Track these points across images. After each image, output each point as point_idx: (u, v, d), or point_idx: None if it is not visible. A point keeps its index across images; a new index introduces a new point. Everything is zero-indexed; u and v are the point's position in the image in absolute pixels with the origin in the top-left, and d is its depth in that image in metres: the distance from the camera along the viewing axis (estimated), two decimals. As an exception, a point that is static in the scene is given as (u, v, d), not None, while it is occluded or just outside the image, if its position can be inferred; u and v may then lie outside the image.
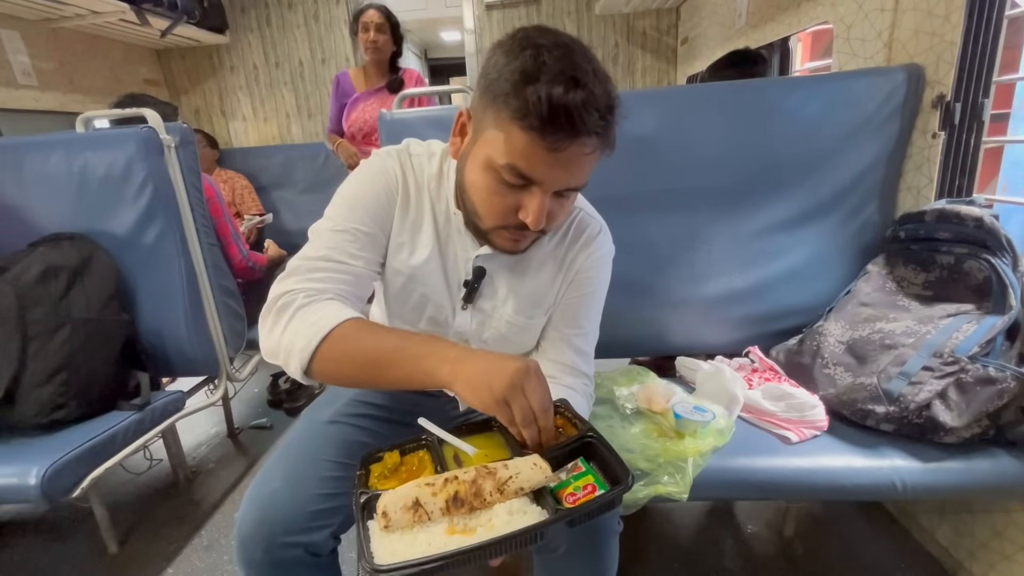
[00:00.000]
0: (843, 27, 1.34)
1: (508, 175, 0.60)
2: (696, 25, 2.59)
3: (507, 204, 0.63)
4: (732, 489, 0.89)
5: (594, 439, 0.62)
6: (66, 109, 2.22)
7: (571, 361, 0.79)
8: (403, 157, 0.75)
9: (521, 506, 0.54)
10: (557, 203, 0.64)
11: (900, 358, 0.91)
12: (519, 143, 0.58)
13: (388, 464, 0.62)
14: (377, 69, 2.14)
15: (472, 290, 0.76)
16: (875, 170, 1.15)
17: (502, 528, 0.51)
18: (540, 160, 0.58)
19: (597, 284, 0.81)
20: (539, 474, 0.55)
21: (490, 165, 0.62)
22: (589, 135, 0.57)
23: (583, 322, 0.81)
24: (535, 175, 0.60)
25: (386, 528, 0.51)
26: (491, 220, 0.66)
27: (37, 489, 0.98)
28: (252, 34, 2.94)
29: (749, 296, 1.18)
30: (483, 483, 0.53)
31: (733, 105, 1.14)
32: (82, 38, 2.34)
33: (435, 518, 0.52)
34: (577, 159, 0.59)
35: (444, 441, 0.63)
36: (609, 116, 0.58)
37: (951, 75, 1.05)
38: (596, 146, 0.60)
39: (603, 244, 0.80)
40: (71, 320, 1.14)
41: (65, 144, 1.27)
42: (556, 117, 0.55)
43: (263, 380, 2.13)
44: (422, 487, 0.53)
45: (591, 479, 0.58)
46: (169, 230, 1.30)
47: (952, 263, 0.99)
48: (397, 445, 0.64)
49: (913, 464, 0.86)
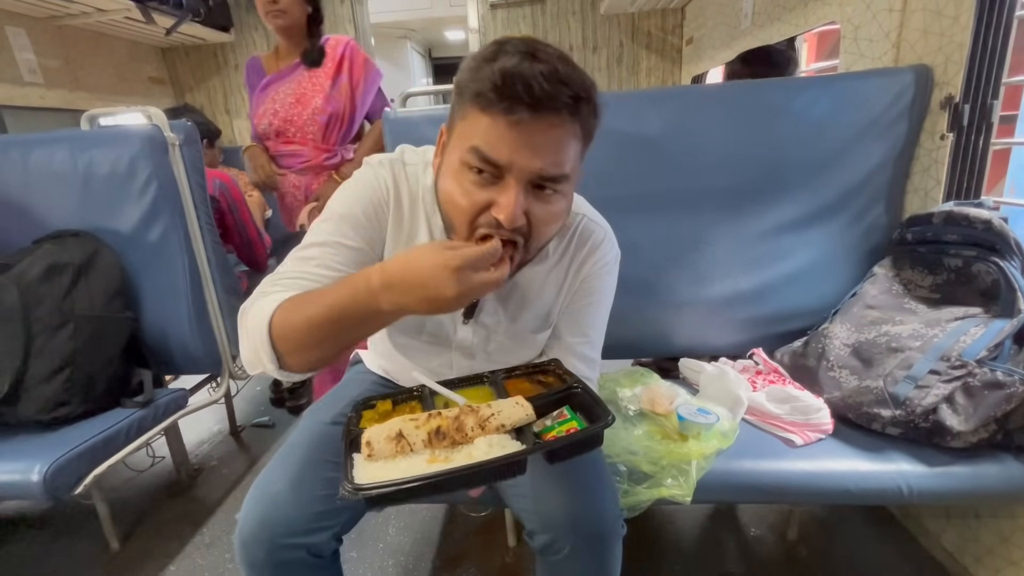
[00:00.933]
0: (850, 27, 1.33)
1: (474, 161, 0.56)
2: (701, 25, 2.58)
3: (476, 202, 0.58)
4: (736, 492, 0.89)
5: (580, 390, 0.63)
6: (71, 107, 2.22)
7: (575, 370, 0.77)
8: (396, 167, 0.71)
9: (502, 441, 0.55)
10: (538, 203, 0.58)
11: (907, 361, 0.90)
12: (480, 125, 0.55)
13: (380, 411, 0.64)
14: (289, 42, 1.60)
15: (472, 305, 0.74)
16: (882, 172, 1.14)
17: (482, 459, 0.52)
18: (502, 139, 0.54)
19: (602, 292, 0.79)
20: (520, 412, 0.57)
21: (458, 162, 0.58)
22: (553, 110, 0.53)
23: (588, 330, 0.79)
24: (499, 157, 0.55)
25: (369, 457, 0.53)
26: (462, 224, 0.59)
27: (40, 486, 0.98)
28: (257, 32, 2.93)
29: (754, 298, 1.17)
30: (465, 419, 0.55)
31: (739, 105, 1.14)
32: (87, 36, 2.35)
33: (417, 449, 0.54)
34: (543, 138, 0.55)
35: (436, 394, 0.65)
36: (579, 94, 0.54)
37: (960, 76, 1.04)
38: (565, 126, 0.55)
39: (608, 250, 0.77)
40: (75, 317, 1.14)
41: (70, 141, 1.28)
42: (512, 86, 0.52)
43: (266, 378, 2.13)
44: (406, 421, 0.55)
45: (575, 424, 0.60)
46: (173, 228, 1.30)
47: (960, 266, 0.98)
48: (390, 394, 0.67)
49: (919, 468, 0.85)
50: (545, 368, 0.72)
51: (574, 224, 0.76)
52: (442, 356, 0.81)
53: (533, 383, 0.70)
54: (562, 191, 0.60)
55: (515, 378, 0.71)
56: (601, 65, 3.00)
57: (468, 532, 1.32)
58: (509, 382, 0.70)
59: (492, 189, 0.57)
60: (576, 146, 0.59)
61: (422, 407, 0.64)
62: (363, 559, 1.26)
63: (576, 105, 0.55)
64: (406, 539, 1.31)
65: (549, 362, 0.72)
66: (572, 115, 0.55)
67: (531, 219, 0.59)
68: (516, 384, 0.70)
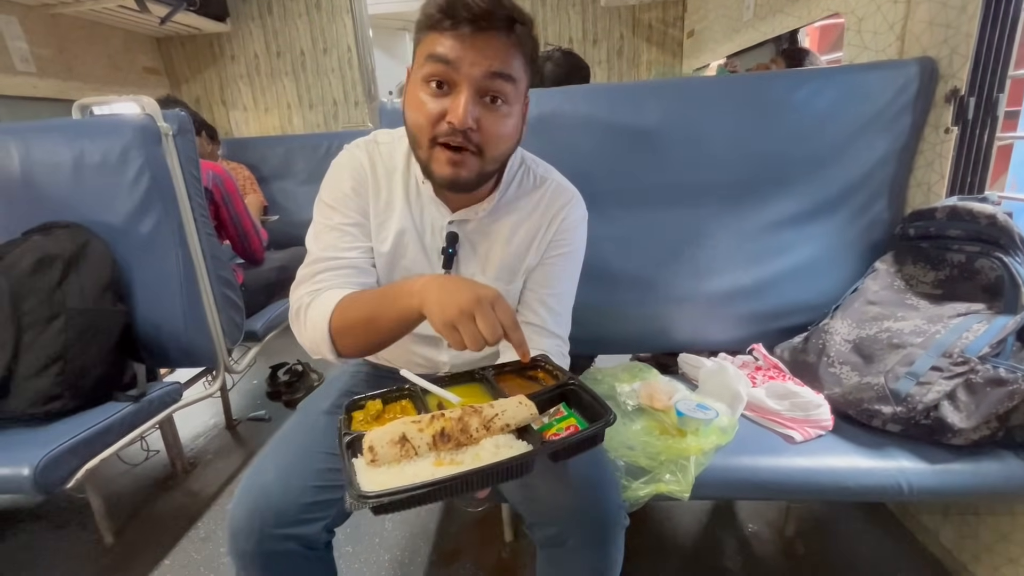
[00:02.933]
0: (854, 19, 1.31)
1: (429, 67, 0.63)
2: (703, 18, 2.55)
3: (432, 112, 0.64)
4: (735, 488, 0.88)
5: (576, 387, 0.63)
6: (65, 97, 2.19)
7: (542, 321, 0.81)
8: (371, 147, 0.79)
9: (507, 441, 0.55)
10: (488, 113, 0.65)
11: (908, 358, 0.89)
12: (431, 40, 0.63)
13: (371, 411, 0.63)
14: None
15: (449, 256, 0.78)
16: (885, 166, 1.12)
17: (489, 461, 0.52)
18: (451, 44, 0.62)
19: (572, 245, 0.83)
20: (525, 411, 0.57)
21: (419, 81, 0.65)
22: (492, 27, 0.61)
23: (555, 282, 0.83)
24: (450, 54, 0.62)
25: (373, 463, 0.51)
26: (422, 135, 0.66)
27: (30, 480, 0.96)
28: (253, 23, 2.90)
29: (754, 293, 1.16)
30: (469, 420, 0.54)
31: (740, 98, 1.12)
32: (81, 24, 2.31)
33: (422, 453, 0.53)
34: (487, 45, 0.62)
35: (428, 391, 0.64)
36: (513, 16, 0.62)
37: (966, 68, 1.03)
38: (505, 39, 0.62)
39: (576, 207, 0.83)
40: (66, 310, 1.13)
41: (61, 130, 1.25)
42: (454, 7, 0.60)
43: (262, 372, 2.12)
44: (408, 424, 0.54)
45: (573, 421, 0.60)
46: (166, 219, 1.28)
47: (963, 261, 0.97)
48: (379, 393, 0.65)
49: (920, 465, 0.84)
50: (534, 363, 0.71)
51: (545, 186, 0.82)
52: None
53: (524, 379, 0.70)
54: (509, 101, 0.66)
55: (506, 374, 0.70)
56: (601, 58, 2.98)
57: (464, 527, 1.32)
58: (500, 378, 0.69)
59: (446, 99, 0.64)
60: (520, 61, 0.65)
61: (413, 405, 0.64)
62: (358, 553, 1.25)
63: (511, 26, 0.63)
64: (402, 533, 1.30)
65: (538, 356, 0.71)
66: (508, 33, 0.63)
67: (483, 128, 0.65)
68: (507, 380, 0.69)
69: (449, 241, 0.78)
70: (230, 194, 1.67)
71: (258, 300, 1.79)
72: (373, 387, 0.87)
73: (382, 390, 0.66)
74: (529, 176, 0.82)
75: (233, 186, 1.69)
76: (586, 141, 1.12)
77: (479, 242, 0.80)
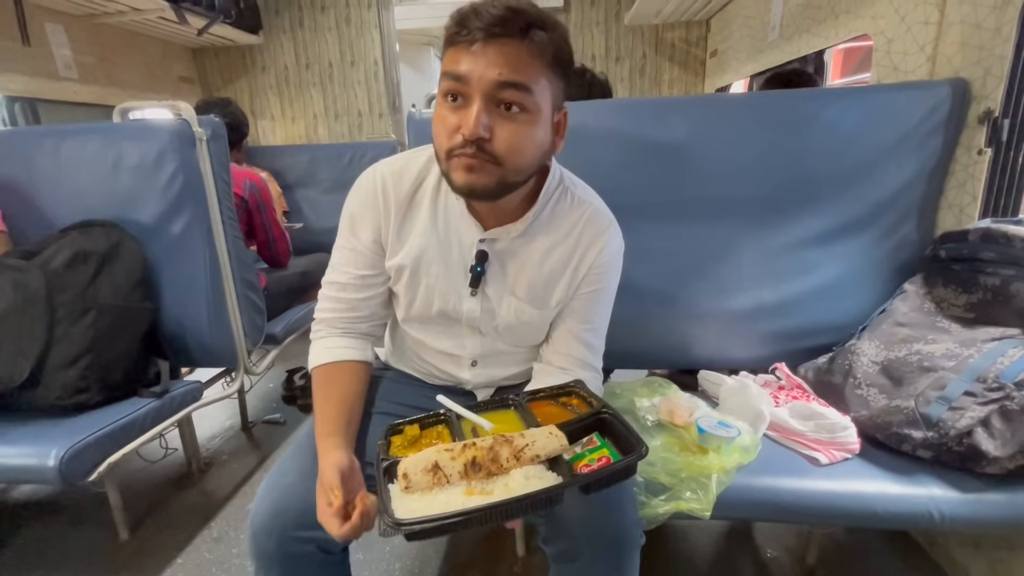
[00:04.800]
0: (883, 40, 1.31)
1: (445, 84, 0.64)
2: (727, 38, 2.56)
3: (449, 125, 0.64)
4: (757, 509, 0.86)
5: (609, 416, 0.63)
6: (104, 102, 2.28)
7: (582, 355, 0.81)
8: (393, 166, 0.79)
9: (537, 472, 0.55)
10: (503, 121, 0.63)
11: (940, 381, 0.87)
12: (448, 57, 0.64)
13: (408, 436, 0.65)
14: None
15: (477, 275, 0.77)
16: (915, 186, 1.11)
17: (519, 491, 0.52)
18: (463, 58, 0.62)
19: (607, 280, 0.82)
20: (555, 442, 0.57)
21: (439, 97, 0.66)
22: (504, 34, 0.60)
23: (593, 317, 0.82)
24: (460, 68, 0.62)
25: (407, 489, 0.53)
26: (442, 148, 0.66)
27: (55, 471, 0.98)
28: (285, 35, 2.99)
29: (778, 311, 1.14)
30: (500, 450, 0.55)
31: (767, 115, 1.12)
32: (122, 34, 2.41)
33: (453, 481, 0.54)
34: (497, 53, 0.61)
35: (462, 417, 0.65)
36: (529, 21, 0.61)
37: (1000, 90, 1.01)
38: (519, 46, 0.61)
39: (613, 239, 0.81)
40: (97, 305, 1.16)
41: (102, 133, 1.30)
42: (467, 18, 0.61)
43: (279, 375, 2.14)
44: (441, 452, 0.55)
45: (606, 452, 0.60)
46: (196, 221, 1.32)
47: (997, 285, 0.95)
48: (417, 419, 0.67)
49: (952, 494, 0.81)
50: (569, 389, 0.72)
51: (582, 209, 0.79)
52: (452, 336, 0.84)
53: (558, 405, 0.70)
54: (528, 109, 0.64)
55: (540, 400, 0.71)
56: (624, 75, 3.00)
57: (477, 539, 1.30)
58: (533, 404, 0.70)
59: (462, 112, 0.63)
60: (538, 68, 0.63)
61: (449, 431, 0.65)
62: (369, 561, 1.24)
63: (528, 30, 0.61)
64: (413, 544, 1.29)
65: (572, 383, 0.73)
66: (524, 38, 0.61)
67: (499, 139, 0.63)
68: (541, 407, 0.70)
69: (478, 259, 0.77)
70: (265, 203, 1.74)
71: (279, 304, 1.82)
72: (395, 395, 0.88)
73: (420, 416, 0.68)
74: (567, 197, 0.79)
75: (268, 195, 1.75)
76: (609, 154, 1.12)
77: (509, 262, 0.78)
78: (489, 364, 0.86)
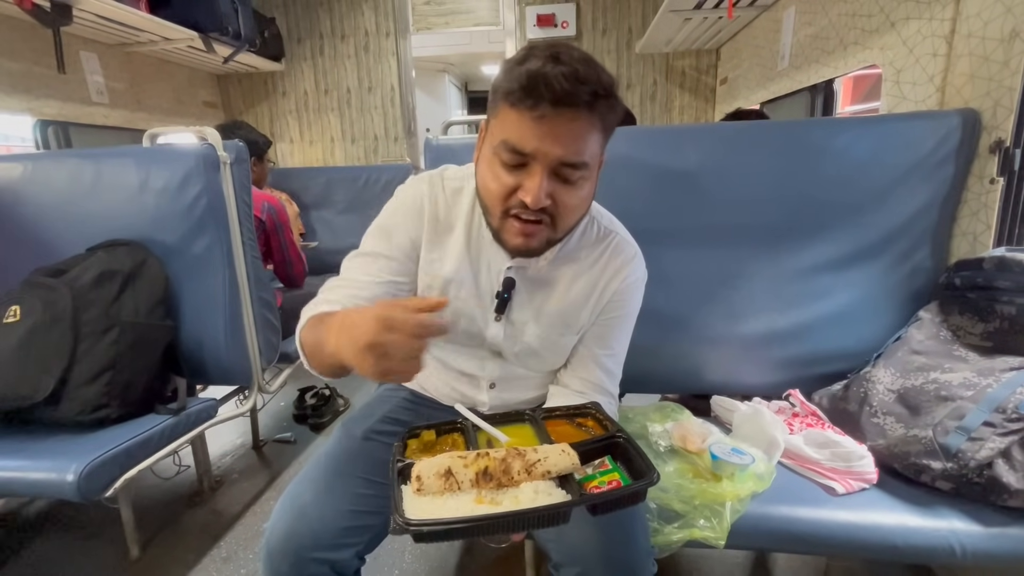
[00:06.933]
0: (892, 71, 1.33)
1: (504, 154, 0.63)
2: (737, 66, 2.61)
3: (506, 185, 0.65)
4: (773, 539, 0.84)
5: (623, 440, 0.64)
6: (132, 126, 2.36)
7: (599, 380, 0.82)
8: (435, 181, 0.80)
9: (547, 488, 0.56)
10: (562, 187, 0.64)
11: (958, 411, 0.86)
12: (509, 120, 0.62)
13: (424, 440, 0.66)
14: None
15: (503, 301, 0.78)
16: (927, 214, 1.11)
17: (528, 505, 0.53)
18: (528, 131, 0.61)
19: (629, 307, 0.83)
20: (566, 460, 0.58)
21: (492, 153, 0.66)
22: (572, 106, 0.60)
23: (613, 343, 0.83)
24: (525, 147, 0.62)
25: (419, 491, 0.54)
26: (495, 206, 0.67)
27: (74, 486, 1.00)
28: (305, 63, 3.10)
29: (790, 337, 1.14)
30: (512, 462, 0.56)
31: (778, 143, 1.13)
32: (152, 62, 2.51)
33: (464, 488, 0.55)
34: (564, 130, 0.61)
35: (478, 428, 0.66)
36: (596, 91, 0.60)
37: (1010, 120, 1.02)
38: (583, 120, 0.61)
39: (637, 268, 0.82)
40: (120, 323, 1.19)
41: (134, 156, 1.36)
42: (535, 86, 0.59)
43: (290, 394, 2.15)
44: (455, 459, 0.56)
45: (617, 476, 0.60)
46: (217, 241, 1.35)
47: (1014, 314, 0.94)
48: (434, 424, 0.68)
49: (973, 527, 0.79)
50: (585, 411, 0.73)
51: (609, 239, 0.81)
52: (473, 358, 0.84)
53: (573, 425, 0.71)
54: (584, 177, 0.66)
55: (555, 418, 0.72)
56: (635, 102, 3.05)
57: (485, 565, 1.29)
58: (549, 422, 0.70)
59: (520, 174, 0.64)
60: (596, 137, 0.64)
61: (464, 439, 0.66)
62: (378, 585, 1.23)
63: (593, 101, 0.61)
64: (421, 567, 1.28)
65: (589, 404, 0.73)
66: (590, 110, 0.61)
67: (557, 202, 0.65)
68: (556, 425, 0.70)
69: (505, 286, 0.77)
70: (282, 224, 1.78)
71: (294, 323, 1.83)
72: (414, 415, 0.89)
73: (437, 422, 0.69)
74: (593, 226, 0.81)
75: (286, 217, 1.79)
76: (623, 180, 1.14)
77: (536, 290, 0.79)
78: (507, 388, 0.87)
